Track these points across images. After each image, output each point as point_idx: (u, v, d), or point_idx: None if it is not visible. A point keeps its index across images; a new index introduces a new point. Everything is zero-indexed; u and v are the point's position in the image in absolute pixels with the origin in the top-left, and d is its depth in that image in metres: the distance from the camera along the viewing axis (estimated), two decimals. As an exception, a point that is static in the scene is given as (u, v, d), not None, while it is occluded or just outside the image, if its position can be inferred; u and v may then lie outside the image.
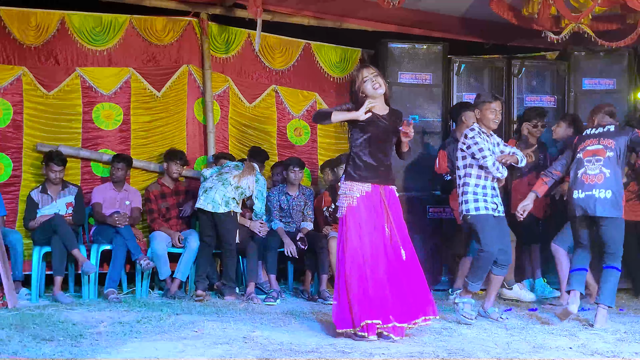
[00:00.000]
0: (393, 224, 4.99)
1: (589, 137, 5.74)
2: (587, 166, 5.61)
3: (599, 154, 5.60)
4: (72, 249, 6.40)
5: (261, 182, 6.95)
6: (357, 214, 4.94)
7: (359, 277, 4.85)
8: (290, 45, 8.22)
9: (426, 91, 7.79)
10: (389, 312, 4.81)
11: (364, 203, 4.96)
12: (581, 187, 5.58)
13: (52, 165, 6.72)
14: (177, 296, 6.59)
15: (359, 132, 5.03)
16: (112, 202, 6.97)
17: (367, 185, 4.99)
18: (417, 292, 4.98)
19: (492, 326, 5.49)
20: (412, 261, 5.02)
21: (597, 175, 5.56)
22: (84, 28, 7.33)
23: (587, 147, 5.66)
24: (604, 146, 5.61)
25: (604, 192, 5.50)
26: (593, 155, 5.61)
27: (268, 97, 8.12)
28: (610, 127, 5.72)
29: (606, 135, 5.66)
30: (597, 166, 5.57)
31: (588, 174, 5.59)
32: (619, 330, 5.34)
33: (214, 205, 6.66)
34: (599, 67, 8.00)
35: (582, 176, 5.61)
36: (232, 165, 6.94)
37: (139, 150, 7.53)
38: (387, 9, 6.69)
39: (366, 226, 4.92)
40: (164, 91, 7.63)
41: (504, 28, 7.76)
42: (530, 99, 7.77)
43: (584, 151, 5.67)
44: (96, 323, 5.22)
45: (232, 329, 5.08)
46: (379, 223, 4.95)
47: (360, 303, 4.80)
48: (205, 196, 6.70)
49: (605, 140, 5.63)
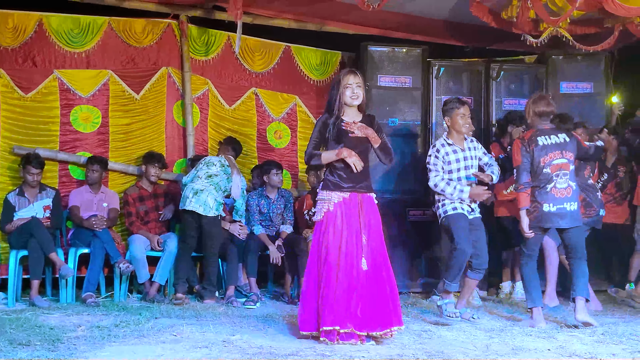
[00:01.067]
0: (368, 233, 4.99)
1: (550, 148, 5.71)
2: (556, 180, 5.69)
3: (565, 167, 5.71)
4: (50, 252, 6.34)
5: (243, 181, 6.94)
6: (333, 220, 4.95)
7: (329, 282, 4.85)
8: (271, 47, 8.21)
9: (406, 94, 7.81)
10: (348, 319, 4.80)
11: (341, 210, 4.98)
12: (553, 201, 5.68)
13: (29, 168, 6.65)
14: (155, 300, 6.55)
15: (335, 143, 5.07)
16: (89, 205, 6.92)
17: (345, 193, 5.01)
18: (386, 302, 4.95)
19: (472, 328, 5.51)
20: (384, 271, 5.01)
21: (566, 188, 5.69)
22: (62, 30, 7.28)
23: (553, 161, 5.71)
24: (567, 160, 5.73)
25: (574, 205, 5.70)
26: (560, 170, 5.70)
27: (248, 99, 8.10)
28: (564, 136, 5.76)
29: (565, 147, 5.73)
30: (564, 180, 5.70)
31: (557, 188, 5.69)
32: (596, 332, 5.38)
33: (205, 208, 6.62)
34: (577, 70, 8.07)
35: (552, 190, 5.69)
36: (218, 164, 6.84)
37: (117, 153, 7.47)
38: (367, 12, 6.71)
39: (341, 233, 4.93)
40: (142, 93, 7.58)
41: (484, 31, 7.81)
42: (509, 102, 7.81)
43: (550, 165, 5.71)
44: (74, 327, 5.18)
45: (211, 333, 5.06)
46: (354, 230, 4.96)
47: (327, 308, 4.80)
48: (197, 198, 6.64)
49: (566, 153, 5.74)
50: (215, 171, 6.77)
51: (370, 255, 4.95)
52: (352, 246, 4.92)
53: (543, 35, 7.06)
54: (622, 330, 5.42)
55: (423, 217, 7.59)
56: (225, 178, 6.77)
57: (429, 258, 7.58)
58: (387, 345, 4.83)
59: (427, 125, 7.76)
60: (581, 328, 5.54)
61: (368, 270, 4.93)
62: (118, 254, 6.60)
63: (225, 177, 6.77)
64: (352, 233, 4.94)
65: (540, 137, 5.71)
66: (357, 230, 4.96)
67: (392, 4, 6.85)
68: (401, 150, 7.73)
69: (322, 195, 5.06)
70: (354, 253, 4.91)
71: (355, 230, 4.95)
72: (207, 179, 6.71)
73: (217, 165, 6.82)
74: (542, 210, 5.69)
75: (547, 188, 5.69)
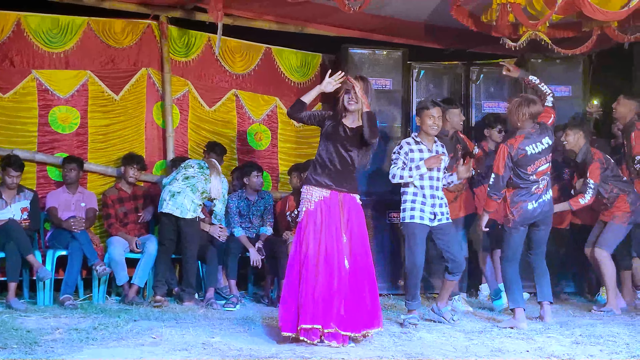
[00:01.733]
0: (349, 232, 5.00)
1: (537, 157, 5.82)
2: (539, 182, 5.91)
3: (548, 170, 5.98)
4: (27, 254, 6.28)
5: (224, 183, 6.91)
6: (313, 219, 4.97)
7: (308, 280, 4.86)
8: (251, 49, 8.19)
9: (386, 96, 7.83)
10: (331, 319, 4.81)
11: (321, 208, 4.99)
12: (535, 199, 5.89)
13: (9, 170, 6.58)
14: (134, 302, 6.51)
15: (324, 139, 5.12)
16: (67, 205, 6.87)
17: (325, 190, 5.03)
18: (367, 303, 4.97)
19: (451, 330, 5.53)
20: (366, 272, 5.03)
21: (544, 184, 5.95)
22: (40, 30, 7.21)
23: (539, 168, 5.87)
24: (549, 162, 5.94)
25: (548, 194, 5.97)
26: (546, 174, 5.95)
27: (228, 101, 8.07)
28: (547, 140, 5.89)
29: (548, 152, 5.92)
30: (545, 180, 5.95)
31: (539, 188, 5.92)
32: (574, 333, 5.43)
33: (182, 210, 6.59)
34: (556, 74, 8.11)
35: (535, 189, 5.90)
36: (196, 166, 6.83)
37: (96, 154, 7.42)
38: (348, 14, 6.71)
39: (321, 231, 4.94)
40: (122, 94, 7.54)
41: (464, 35, 7.85)
42: (489, 105, 7.85)
43: (536, 173, 5.87)
44: (51, 330, 5.14)
45: (191, 335, 5.04)
46: (334, 229, 4.97)
47: (306, 305, 4.82)
48: (174, 201, 6.61)
49: (549, 156, 5.94)
50: (192, 173, 6.74)
51: (351, 255, 4.96)
52: (332, 245, 4.93)
53: (522, 38, 7.11)
54: (599, 332, 5.47)
55: (403, 219, 7.60)
56: (202, 180, 6.73)
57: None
58: (366, 347, 4.84)
59: (407, 127, 7.79)
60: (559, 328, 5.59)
61: (350, 270, 4.93)
62: (96, 256, 6.56)
63: (202, 178, 6.73)
64: (332, 232, 4.95)
65: (528, 146, 5.80)
66: (338, 229, 4.97)
67: (372, 7, 6.86)
68: (381, 152, 7.74)
69: (304, 192, 5.10)
70: (334, 252, 4.92)
71: (335, 229, 4.96)
72: (183, 181, 6.69)
73: (195, 167, 6.80)
74: (526, 209, 5.86)
75: (532, 189, 5.88)
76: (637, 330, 5.62)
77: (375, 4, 6.87)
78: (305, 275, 4.88)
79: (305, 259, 4.91)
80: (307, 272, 4.88)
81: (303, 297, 4.85)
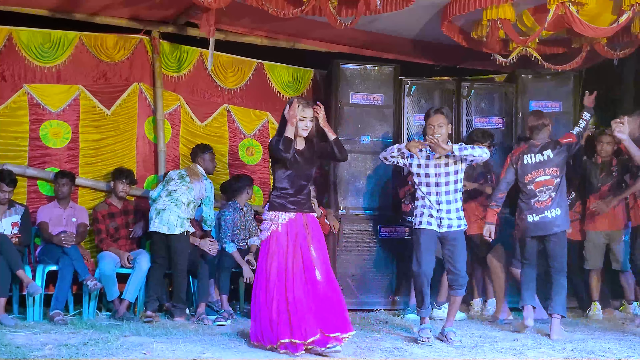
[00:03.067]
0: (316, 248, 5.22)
1: (534, 167, 6.07)
2: (539, 195, 6.06)
3: (548, 183, 6.05)
4: (17, 269, 6.24)
5: (209, 187, 6.87)
6: (281, 239, 5.17)
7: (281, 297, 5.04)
8: (243, 64, 8.21)
9: (377, 112, 7.86)
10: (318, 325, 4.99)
11: (288, 229, 5.21)
12: (535, 212, 6.06)
13: (1, 185, 6.55)
14: (125, 317, 6.46)
15: (282, 168, 5.28)
16: (59, 220, 6.84)
17: (291, 213, 5.25)
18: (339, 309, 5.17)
19: (443, 345, 5.53)
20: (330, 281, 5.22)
21: (547, 199, 6.04)
22: (32, 44, 7.21)
23: (536, 178, 6.06)
24: (551, 175, 6.05)
25: (554, 212, 6.01)
26: (544, 186, 6.05)
27: (220, 116, 8.08)
28: (549, 152, 6.04)
29: (549, 164, 6.04)
30: (547, 194, 6.05)
31: (540, 201, 6.05)
32: (565, 349, 5.43)
33: (170, 227, 6.58)
34: (546, 89, 8.19)
35: (535, 203, 6.07)
36: (177, 177, 6.78)
37: (87, 168, 7.41)
38: (339, 30, 6.76)
39: (287, 249, 5.14)
40: (114, 109, 7.54)
41: (454, 50, 7.90)
42: (479, 120, 7.89)
43: (533, 183, 6.07)
44: (41, 346, 5.09)
45: (181, 351, 5.01)
46: (302, 246, 5.17)
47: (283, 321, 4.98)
48: (160, 218, 6.60)
49: (550, 169, 6.04)
50: (174, 186, 6.71)
51: (321, 267, 5.17)
52: (299, 261, 5.13)
53: (512, 54, 7.17)
54: (591, 347, 5.47)
55: (394, 234, 7.62)
56: (185, 190, 6.69)
57: (400, 275, 7.59)
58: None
59: (398, 142, 7.80)
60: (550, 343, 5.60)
61: (322, 281, 5.13)
62: (87, 271, 6.52)
63: (184, 189, 6.69)
64: (300, 249, 5.16)
65: (527, 154, 6.11)
66: (306, 246, 5.18)
67: (363, 23, 6.91)
68: (373, 168, 7.77)
69: (269, 215, 5.27)
70: (303, 267, 5.13)
71: (304, 245, 5.18)
72: (167, 197, 6.66)
73: (175, 179, 6.77)
74: (527, 222, 6.09)
75: (531, 202, 6.08)
76: (628, 345, 5.62)
77: (366, 20, 6.92)
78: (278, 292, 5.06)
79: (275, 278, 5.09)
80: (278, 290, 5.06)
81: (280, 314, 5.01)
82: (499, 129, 8.02)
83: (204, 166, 6.98)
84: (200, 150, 7.05)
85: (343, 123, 7.76)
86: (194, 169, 6.90)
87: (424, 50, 8.34)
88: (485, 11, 6.58)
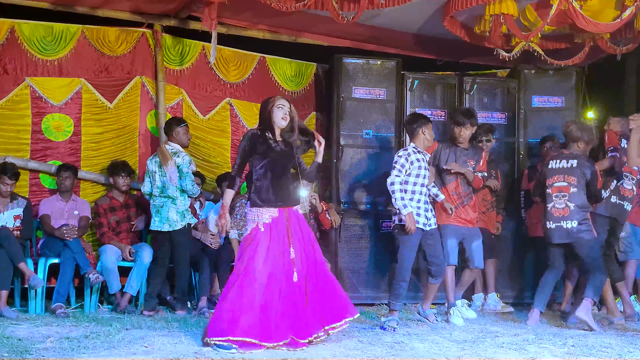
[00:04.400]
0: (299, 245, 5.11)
1: (555, 172, 6.36)
2: (555, 201, 6.31)
3: (564, 190, 6.29)
4: (19, 262, 6.25)
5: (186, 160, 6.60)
6: (263, 239, 5.02)
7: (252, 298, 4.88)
8: (245, 58, 8.21)
9: (380, 106, 7.86)
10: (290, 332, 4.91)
11: (271, 228, 5.06)
12: (551, 219, 6.33)
13: (4, 178, 6.56)
14: (127, 311, 6.48)
15: (260, 158, 5.14)
16: (61, 213, 6.84)
17: (273, 209, 5.10)
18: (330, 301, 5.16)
19: (444, 340, 5.53)
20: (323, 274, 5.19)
21: (564, 208, 6.27)
22: (34, 37, 7.21)
23: (555, 183, 6.33)
24: (568, 184, 6.29)
25: (570, 223, 6.25)
26: (560, 192, 6.30)
27: (222, 110, 8.08)
28: (573, 161, 6.27)
29: (570, 173, 6.27)
30: (563, 201, 6.28)
31: (556, 208, 6.30)
32: (566, 344, 5.43)
33: (171, 223, 6.57)
34: (548, 85, 8.18)
35: (552, 209, 6.33)
36: (157, 168, 6.65)
37: (89, 162, 7.41)
38: (342, 25, 6.76)
39: (268, 253, 5.00)
40: (116, 103, 7.54)
41: (457, 45, 7.89)
42: (482, 115, 7.87)
43: (551, 187, 6.35)
44: (43, 338, 5.10)
45: (183, 344, 5.02)
46: (281, 249, 5.05)
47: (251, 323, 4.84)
48: (160, 217, 6.59)
49: (569, 177, 6.26)
50: (159, 182, 6.61)
51: (301, 266, 5.08)
52: (279, 264, 5.00)
53: (515, 49, 7.17)
54: (592, 342, 5.48)
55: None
56: (166, 179, 6.59)
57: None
58: (359, 357, 4.83)
59: (400, 137, 7.81)
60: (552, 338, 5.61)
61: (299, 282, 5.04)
62: (88, 265, 6.53)
63: (165, 178, 6.59)
64: (279, 252, 5.03)
65: (553, 160, 6.43)
66: (286, 248, 5.05)
67: (365, 17, 6.90)
68: (374, 162, 7.77)
69: (252, 214, 5.10)
70: (281, 270, 5.00)
71: (283, 248, 5.05)
72: (160, 194, 6.60)
73: (156, 170, 6.64)
74: (546, 227, 6.39)
75: (548, 207, 6.35)
76: (629, 340, 5.63)
77: (368, 14, 6.92)
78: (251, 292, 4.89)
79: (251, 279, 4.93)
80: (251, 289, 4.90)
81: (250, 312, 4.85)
82: (501, 124, 8.04)
83: (178, 139, 6.74)
84: (175, 123, 6.81)
85: (345, 117, 7.75)
86: (163, 151, 6.67)
87: (426, 45, 8.33)
88: (488, 6, 6.58)
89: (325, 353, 4.88)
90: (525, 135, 8.08)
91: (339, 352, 4.94)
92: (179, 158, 6.60)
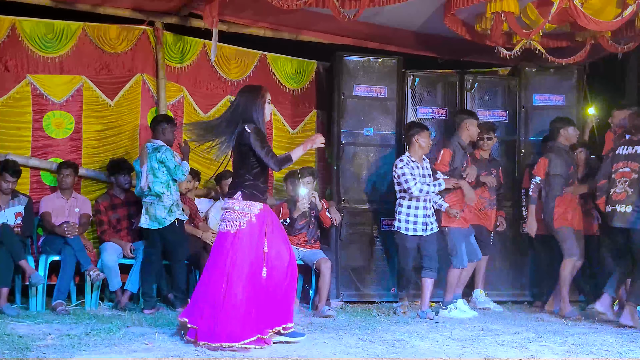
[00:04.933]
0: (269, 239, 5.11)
1: (621, 158, 6.41)
2: (617, 186, 6.38)
3: (627, 175, 6.34)
4: (20, 259, 6.25)
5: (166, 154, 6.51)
6: (254, 231, 5.04)
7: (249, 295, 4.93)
8: (246, 56, 8.20)
9: (381, 104, 7.85)
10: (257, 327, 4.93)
11: (259, 220, 5.08)
12: (610, 202, 6.41)
13: (5, 175, 6.55)
14: (127, 308, 6.49)
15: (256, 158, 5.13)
16: (61, 211, 6.85)
17: (261, 204, 5.13)
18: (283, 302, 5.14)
19: (444, 338, 5.54)
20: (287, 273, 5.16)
21: (622, 193, 6.33)
22: (35, 34, 7.21)
23: (620, 169, 6.40)
24: (631, 169, 6.33)
25: (624, 207, 6.28)
26: (622, 177, 6.36)
27: (223, 107, 8.05)
28: (638, 147, 6.34)
29: (633, 158, 6.31)
30: (623, 186, 6.34)
31: (617, 192, 6.36)
32: (567, 342, 5.43)
33: (159, 221, 6.52)
34: (549, 83, 8.18)
35: (613, 194, 6.39)
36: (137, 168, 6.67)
37: (90, 159, 7.41)
38: (343, 22, 6.75)
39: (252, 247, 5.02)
40: (117, 100, 7.53)
41: (458, 43, 7.89)
42: (483, 113, 7.86)
43: (616, 173, 6.42)
44: (43, 336, 5.11)
45: (183, 341, 5.02)
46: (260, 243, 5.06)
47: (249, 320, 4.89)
48: (148, 215, 6.54)
49: (632, 163, 6.34)
50: (142, 182, 6.56)
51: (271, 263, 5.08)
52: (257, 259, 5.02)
53: (516, 47, 7.16)
54: (592, 341, 5.48)
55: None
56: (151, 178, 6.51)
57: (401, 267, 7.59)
58: (360, 354, 4.84)
59: (401, 135, 7.80)
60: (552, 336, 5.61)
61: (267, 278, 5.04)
62: (89, 262, 6.53)
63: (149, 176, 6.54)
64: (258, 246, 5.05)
65: (621, 145, 6.46)
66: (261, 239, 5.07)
67: (366, 15, 6.89)
68: (375, 160, 7.77)
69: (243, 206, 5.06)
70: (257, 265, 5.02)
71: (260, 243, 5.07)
72: (149, 192, 6.53)
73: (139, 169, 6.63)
74: (607, 211, 6.44)
75: (611, 192, 6.41)
76: (629, 339, 5.63)
77: (370, 12, 6.91)
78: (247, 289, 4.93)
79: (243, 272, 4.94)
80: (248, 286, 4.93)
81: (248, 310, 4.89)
82: (502, 122, 8.03)
83: (165, 137, 6.66)
84: (165, 120, 6.76)
85: (346, 115, 7.75)
86: (143, 151, 6.65)
87: (427, 43, 8.32)
88: (489, 4, 6.57)
89: (326, 351, 4.89)
90: (526, 134, 8.07)
91: (340, 350, 4.95)
92: (159, 153, 6.52)
